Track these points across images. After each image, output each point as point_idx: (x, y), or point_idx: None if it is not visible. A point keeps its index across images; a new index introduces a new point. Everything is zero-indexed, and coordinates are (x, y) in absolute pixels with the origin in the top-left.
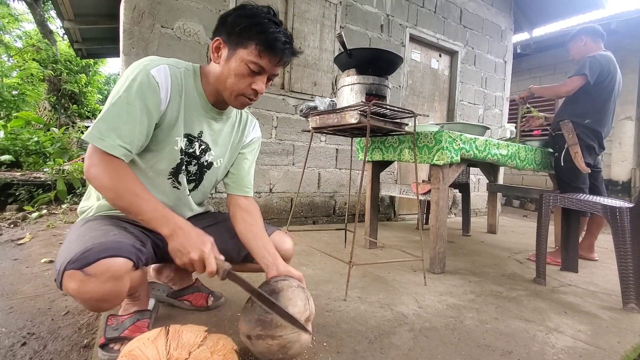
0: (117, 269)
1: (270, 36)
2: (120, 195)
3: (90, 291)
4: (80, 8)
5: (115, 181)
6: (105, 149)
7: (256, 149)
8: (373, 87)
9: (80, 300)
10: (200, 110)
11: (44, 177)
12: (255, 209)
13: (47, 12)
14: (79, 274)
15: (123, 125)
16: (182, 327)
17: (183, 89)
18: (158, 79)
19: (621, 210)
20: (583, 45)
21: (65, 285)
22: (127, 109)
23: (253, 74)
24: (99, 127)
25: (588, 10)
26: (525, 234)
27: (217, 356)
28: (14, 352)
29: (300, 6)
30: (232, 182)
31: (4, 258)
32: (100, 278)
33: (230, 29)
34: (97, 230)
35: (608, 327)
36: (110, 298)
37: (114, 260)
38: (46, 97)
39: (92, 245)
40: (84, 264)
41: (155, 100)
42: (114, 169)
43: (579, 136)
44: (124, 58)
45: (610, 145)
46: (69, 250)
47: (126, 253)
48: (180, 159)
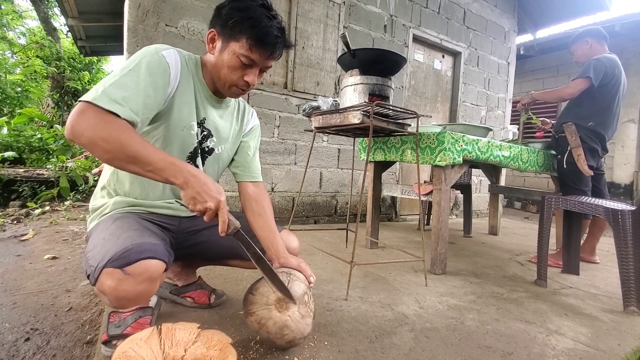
0: (154, 271)
1: (262, 31)
2: (124, 145)
3: (126, 290)
4: (84, 5)
5: (116, 132)
6: (108, 107)
7: (257, 135)
8: (376, 87)
9: (112, 298)
10: (203, 97)
11: (47, 174)
12: (264, 198)
13: (51, 9)
14: (118, 273)
15: (133, 95)
16: (174, 325)
17: (191, 75)
18: (169, 60)
19: (623, 213)
20: (588, 47)
21: (101, 282)
22: (137, 80)
23: (245, 67)
24: (107, 92)
25: (592, 12)
26: (526, 236)
27: (213, 351)
28: (17, 347)
29: (304, 6)
30: (239, 169)
31: (8, 254)
32: (137, 278)
33: (223, 22)
34: (131, 229)
35: (609, 330)
36: (141, 298)
37: (152, 262)
38: (49, 94)
39: (131, 245)
40: (125, 263)
41: (164, 79)
42: (112, 119)
43: (582, 139)
44: (127, 56)
45: (612, 148)
46: (107, 248)
47: (162, 255)
48: (197, 144)
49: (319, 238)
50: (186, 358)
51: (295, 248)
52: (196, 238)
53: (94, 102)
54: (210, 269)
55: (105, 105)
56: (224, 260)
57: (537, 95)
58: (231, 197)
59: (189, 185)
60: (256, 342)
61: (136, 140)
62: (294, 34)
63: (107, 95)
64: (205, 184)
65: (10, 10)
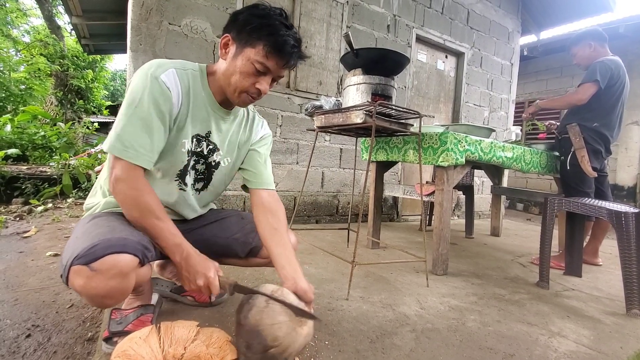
0: (123, 266)
1: (280, 39)
2: (143, 216)
3: (96, 287)
4: (88, 4)
5: (139, 200)
6: (130, 160)
7: (268, 144)
8: (379, 87)
9: (85, 296)
10: (208, 109)
11: (49, 171)
12: (278, 208)
13: (55, 8)
14: (85, 270)
15: (143, 135)
16: (173, 324)
17: (191, 90)
18: (169, 84)
19: (627, 215)
20: (592, 50)
21: (71, 280)
22: (144, 118)
23: (258, 74)
24: (120, 138)
25: (596, 13)
26: (528, 238)
27: (213, 348)
28: (18, 343)
29: (307, 5)
30: (251, 177)
31: (10, 250)
32: (106, 274)
33: (240, 27)
34: (104, 226)
35: (611, 333)
36: (115, 294)
37: (120, 256)
38: (53, 92)
39: (98, 241)
40: (91, 259)
41: (168, 106)
42: (139, 187)
43: (586, 140)
44: (131, 54)
45: (616, 149)
46: (76, 246)
47: (132, 250)
48: (187, 160)
49: (320, 238)
50: (186, 356)
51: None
52: (190, 237)
53: (114, 154)
54: None
55: (124, 156)
56: (221, 259)
57: (544, 103)
58: (233, 196)
59: (182, 267)
60: None
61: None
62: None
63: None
64: (195, 264)
65: (14, 8)
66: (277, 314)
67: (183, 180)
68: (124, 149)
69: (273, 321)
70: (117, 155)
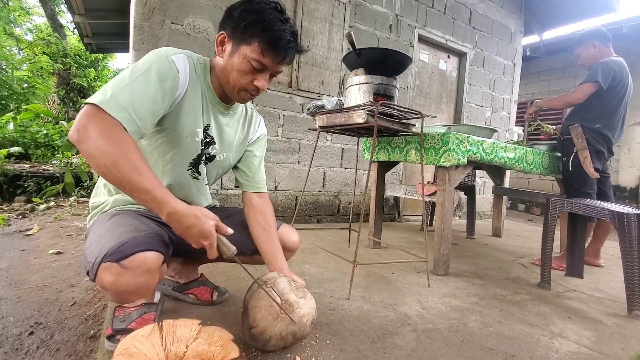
0: (151, 263)
1: (274, 35)
2: (117, 164)
3: (125, 283)
4: (91, 3)
5: (115, 147)
6: (119, 119)
7: (263, 145)
8: (381, 87)
9: (112, 292)
10: (209, 103)
11: (52, 170)
12: (268, 210)
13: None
14: (115, 267)
15: (141, 102)
16: (175, 322)
17: (198, 80)
18: (178, 65)
19: (629, 217)
20: (597, 51)
21: (100, 277)
22: (146, 86)
23: (255, 71)
24: (115, 97)
25: (600, 13)
26: (530, 238)
27: (214, 347)
28: (21, 340)
29: (310, 5)
30: (244, 180)
31: (13, 248)
32: (135, 271)
33: (235, 24)
34: (127, 225)
35: (612, 334)
36: (141, 290)
37: (148, 254)
38: (55, 90)
39: (127, 239)
40: (121, 256)
41: (173, 84)
42: (118, 134)
43: (588, 141)
44: (133, 53)
45: (618, 151)
46: (102, 244)
47: (158, 247)
48: (200, 150)
49: (321, 237)
50: (188, 354)
51: (294, 242)
52: None
53: (101, 106)
54: (213, 266)
55: (113, 112)
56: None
57: (543, 103)
58: (234, 195)
59: (173, 224)
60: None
61: (131, 162)
62: (299, 33)
63: (116, 101)
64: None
65: (17, 7)
66: (259, 298)
67: (196, 169)
68: (116, 108)
69: (255, 303)
70: (102, 105)
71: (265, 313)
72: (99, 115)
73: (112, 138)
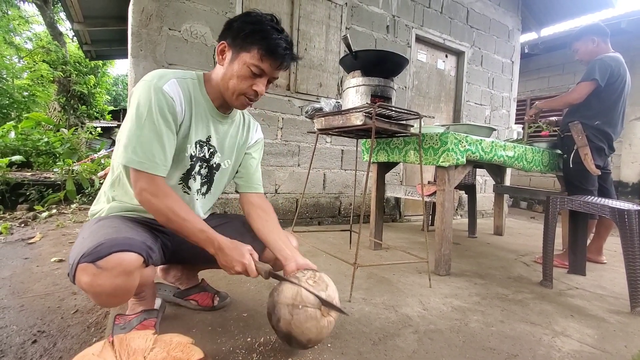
0: (128, 264)
1: (272, 42)
2: (170, 220)
3: (102, 285)
4: (89, 10)
5: (165, 206)
6: (148, 171)
7: (261, 148)
8: (378, 88)
9: (91, 294)
10: (207, 115)
11: (53, 177)
12: (268, 206)
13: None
14: (91, 267)
15: (157, 146)
16: (127, 336)
17: (192, 98)
18: (172, 94)
19: (630, 213)
20: (595, 46)
21: (78, 278)
22: (155, 130)
23: (254, 76)
24: (136, 152)
25: (598, 9)
26: (532, 236)
27: (175, 353)
28: (24, 349)
29: (306, 7)
30: (242, 181)
31: (15, 257)
32: (111, 272)
33: (235, 34)
34: (109, 227)
35: (615, 331)
36: (120, 293)
37: (125, 254)
38: (56, 98)
39: (104, 240)
40: (97, 257)
41: (174, 115)
42: (162, 194)
43: (588, 138)
44: (132, 60)
45: (620, 146)
46: (82, 245)
47: (137, 249)
48: (190, 165)
49: (322, 239)
50: None
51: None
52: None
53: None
54: (214, 272)
55: (143, 168)
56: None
57: (542, 104)
58: (235, 200)
59: (219, 256)
60: (260, 344)
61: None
62: (297, 36)
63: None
64: (231, 252)
65: (17, 16)
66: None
67: (186, 184)
68: (142, 162)
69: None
70: (137, 168)
71: (315, 331)
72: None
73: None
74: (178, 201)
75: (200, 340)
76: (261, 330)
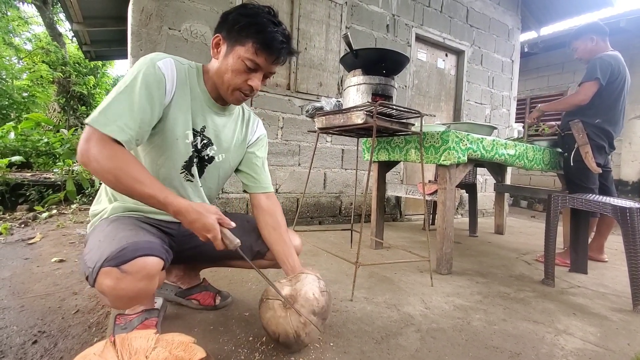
0: (152, 268)
1: (268, 35)
2: (119, 179)
3: (125, 288)
4: (89, 11)
5: (114, 164)
6: (109, 133)
7: (264, 145)
8: (379, 87)
9: (112, 297)
10: (204, 105)
11: (53, 178)
12: (277, 210)
13: (56, 15)
14: (115, 272)
15: (128, 113)
16: (128, 335)
17: (188, 83)
18: (164, 70)
19: (631, 211)
20: (594, 44)
21: (100, 282)
22: (132, 97)
23: (249, 71)
24: (104, 113)
25: (597, 8)
26: (533, 235)
27: (177, 352)
28: (25, 350)
29: (306, 7)
30: (249, 182)
31: (15, 257)
32: (135, 276)
33: (230, 26)
34: (126, 230)
35: (618, 329)
36: (141, 296)
37: (149, 259)
38: (55, 98)
39: (126, 244)
40: (121, 261)
41: (160, 91)
42: (114, 151)
43: (589, 136)
44: (132, 60)
45: (620, 144)
46: (102, 249)
47: (158, 252)
48: (192, 152)
49: (323, 239)
50: None
51: (297, 246)
52: (197, 240)
53: (93, 125)
54: (215, 271)
55: (105, 130)
56: (226, 262)
57: (546, 107)
58: (235, 199)
59: (180, 219)
60: (262, 344)
61: (131, 175)
62: (297, 35)
63: (105, 117)
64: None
65: (16, 17)
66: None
67: (189, 172)
68: (106, 123)
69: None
70: (97, 127)
71: (275, 322)
72: (94, 135)
73: (109, 156)
74: (132, 161)
75: (202, 340)
76: (263, 330)
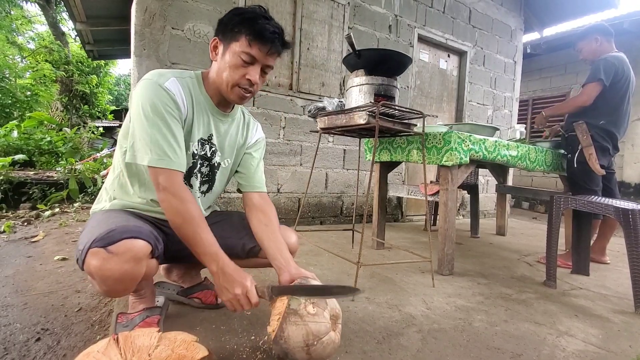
0: (138, 250)
1: (258, 27)
2: (185, 223)
3: (111, 269)
4: (92, 10)
5: (182, 209)
6: (167, 167)
7: (262, 148)
8: (382, 87)
9: (98, 279)
10: (208, 113)
11: (56, 176)
12: (269, 208)
13: (59, 14)
14: (102, 252)
15: (169, 141)
16: (131, 333)
17: (193, 96)
18: (174, 91)
19: (634, 213)
20: (599, 45)
21: (87, 262)
22: (165, 126)
23: (246, 64)
24: (152, 149)
25: (600, 9)
26: (535, 236)
27: (180, 350)
28: (28, 347)
29: (309, 7)
30: (243, 180)
31: (18, 255)
32: (121, 257)
33: (224, 28)
34: (118, 217)
35: (620, 331)
36: (126, 279)
37: (136, 241)
38: (58, 97)
39: (115, 227)
40: (108, 242)
41: (178, 111)
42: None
43: (593, 137)
44: (135, 59)
45: (622, 146)
46: (92, 232)
47: (146, 237)
48: (192, 163)
49: (325, 239)
50: None
51: (293, 243)
52: None
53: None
54: None
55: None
56: None
57: (550, 111)
58: (236, 199)
59: (219, 277)
60: (264, 342)
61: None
62: (299, 35)
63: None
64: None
65: (19, 16)
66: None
67: (188, 182)
68: (159, 158)
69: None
70: (155, 165)
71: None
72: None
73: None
74: (196, 207)
75: (205, 338)
76: (265, 329)
